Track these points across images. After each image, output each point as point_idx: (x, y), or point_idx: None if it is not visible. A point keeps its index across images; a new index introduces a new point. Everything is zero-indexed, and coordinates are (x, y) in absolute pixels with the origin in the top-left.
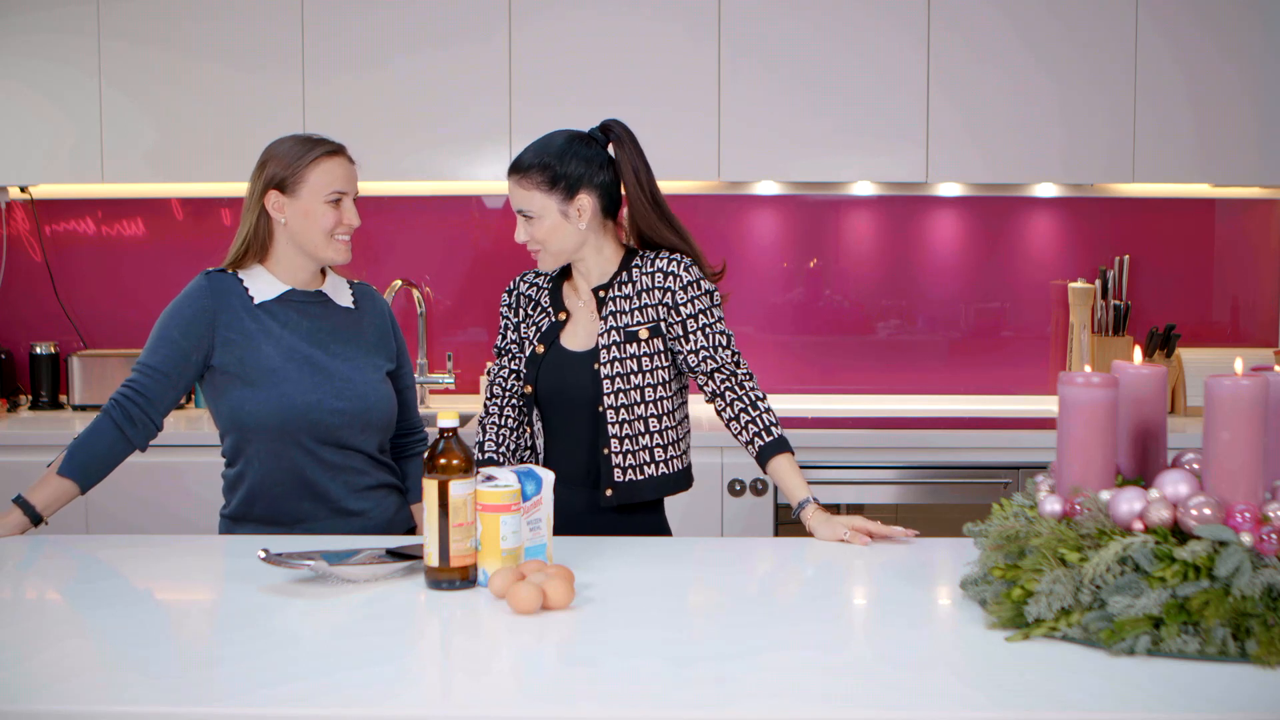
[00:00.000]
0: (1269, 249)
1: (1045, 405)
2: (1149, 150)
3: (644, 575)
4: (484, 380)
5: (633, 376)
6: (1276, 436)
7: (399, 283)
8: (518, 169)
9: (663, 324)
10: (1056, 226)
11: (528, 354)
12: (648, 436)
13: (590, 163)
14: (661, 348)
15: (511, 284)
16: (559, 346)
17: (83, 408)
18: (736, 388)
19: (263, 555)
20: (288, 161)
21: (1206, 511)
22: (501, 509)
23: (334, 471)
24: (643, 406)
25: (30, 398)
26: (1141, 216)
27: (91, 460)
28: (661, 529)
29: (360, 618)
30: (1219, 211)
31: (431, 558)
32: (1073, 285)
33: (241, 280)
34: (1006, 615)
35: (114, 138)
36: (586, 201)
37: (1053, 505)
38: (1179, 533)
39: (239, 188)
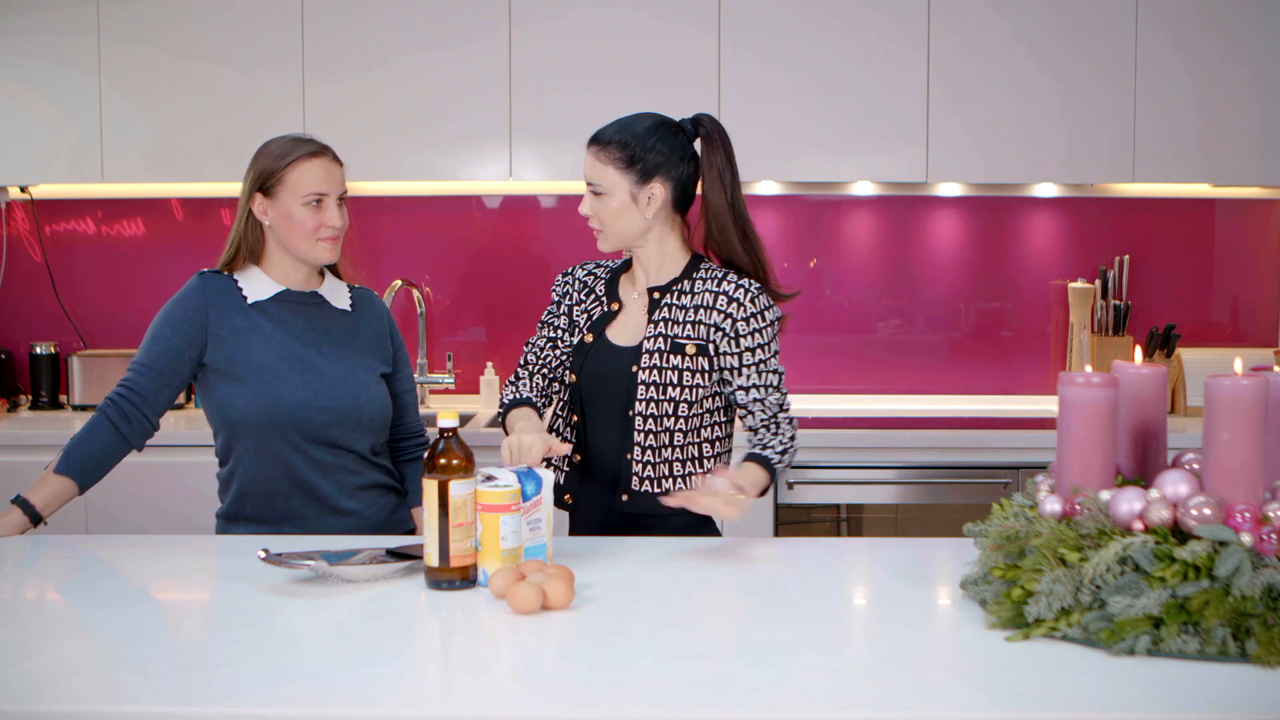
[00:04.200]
0: (1269, 249)
1: (1045, 405)
2: (1149, 150)
3: (644, 575)
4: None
5: (670, 389)
6: (1276, 436)
7: (399, 283)
8: (597, 141)
9: (712, 346)
10: (1056, 226)
11: (576, 342)
12: (670, 450)
13: (672, 152)
14: (706, 367)
15: (569, 269)
16: (605, 338)
17: (83, 408)
18: (772, 424)
19: (262, 555)
20: (269, 163)
21: (1206, 511)
22: (501, 509)
23: (325, 470)
24: (672, 420)
25: (30, 398)
26: (1142, 216)
27: (88, 459)
28: (701, 533)
29: (360, 618)
30: (1219, 211)
31: (431, 558)
32: (1073, 285)
33: (236, 281)
34: (1006, 615)
35: (114, 138)
36: (659, 190)
37: (1053, 505)
38: (1179, 533)
39: (238, 188)
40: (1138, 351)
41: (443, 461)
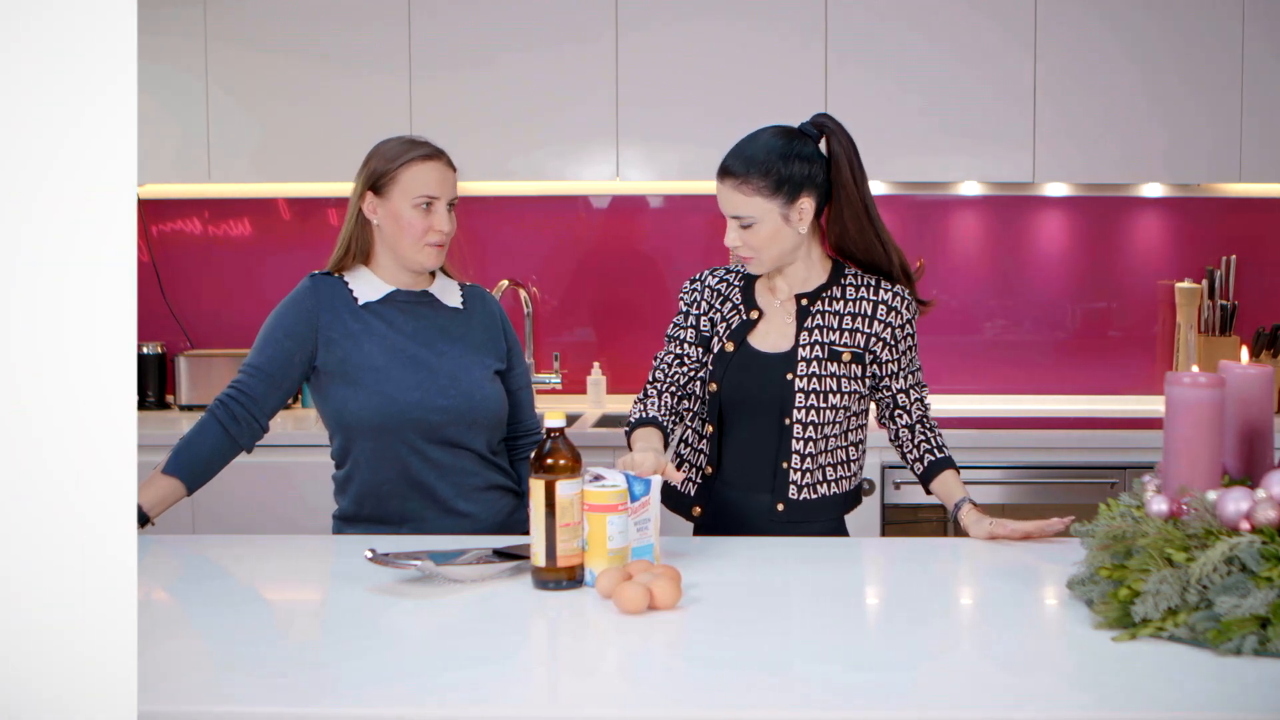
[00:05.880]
0: None
1: (1152, 405)
2: (1255, 150)
3: (751, 576)
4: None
5: (831, 396)
6: None
7: (505, 283)
8: (732, 174)
9: (870, 355)
10: (1163, 226)
11: (715, 351)
12: (827, 455)
13: (810, 162)
14: (860, 373)
15: (698, 275)
16: (748, 346)
17: (190, 408)
18: (925, 417)
19: (370, 555)
20: (382, 163)
21: None
22: (608, 509)
23: (442, 471)
24: (830, 426)
25: (137, 398)
26: (1248, 216)
27: (197, 460)
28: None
29: (467, 618)
30: None
31: (538, 558)
32: (1179, 285)
33: (346, 282)
34: (1113, 615)
35: (220, 138)
36: (808, 204)
37: (1159, 505)
38: None
39: (345, 188)
40: (1244, 351)
41: (549, 462)
